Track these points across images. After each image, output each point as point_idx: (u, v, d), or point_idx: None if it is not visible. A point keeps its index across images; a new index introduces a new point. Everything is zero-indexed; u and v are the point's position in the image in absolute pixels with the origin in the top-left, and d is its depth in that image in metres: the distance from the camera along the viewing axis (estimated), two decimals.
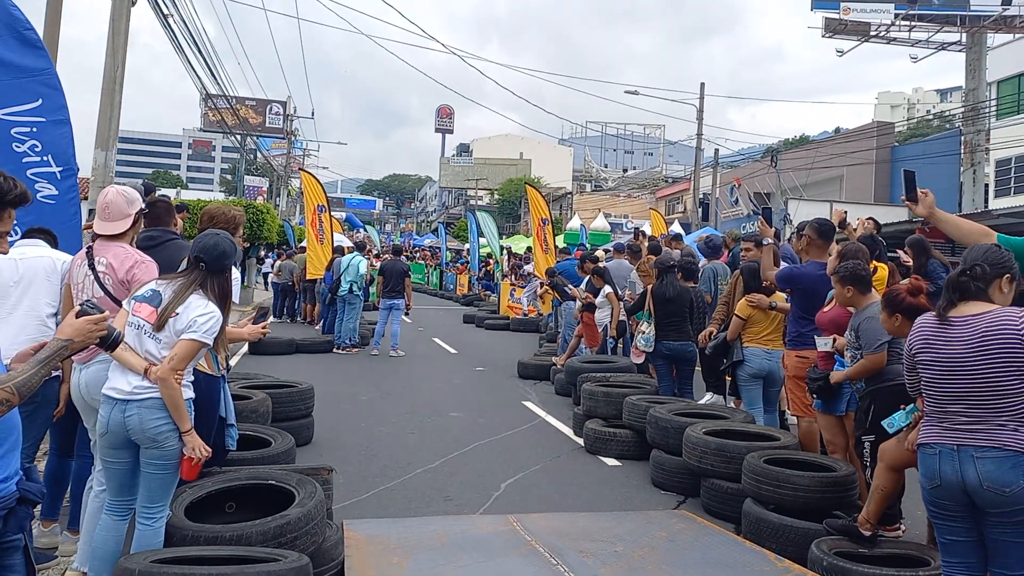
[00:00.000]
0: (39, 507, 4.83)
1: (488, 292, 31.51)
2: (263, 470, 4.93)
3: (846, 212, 8.36)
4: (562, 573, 4.34)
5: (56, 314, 4.60)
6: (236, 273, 4.65)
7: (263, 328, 5.10)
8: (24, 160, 5.51)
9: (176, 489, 4.23)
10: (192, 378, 4.12)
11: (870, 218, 8.31)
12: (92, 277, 4.34)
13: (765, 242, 7.08)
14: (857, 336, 5.27)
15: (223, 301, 4.23)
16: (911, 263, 7.89)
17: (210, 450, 4.02)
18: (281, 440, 6.04)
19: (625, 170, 76.40)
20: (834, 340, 5.59)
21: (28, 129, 5.56)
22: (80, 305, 2.83)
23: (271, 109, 56.95)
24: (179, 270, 4.25)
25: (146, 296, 4.00)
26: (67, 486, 5.03)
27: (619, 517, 5.76)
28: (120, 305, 4.15)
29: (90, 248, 4.44)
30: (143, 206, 4.77)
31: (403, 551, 4.68)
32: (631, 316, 9.48)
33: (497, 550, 4.75)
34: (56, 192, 5.55)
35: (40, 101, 5.56)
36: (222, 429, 4.81)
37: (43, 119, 5.59)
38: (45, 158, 5.58)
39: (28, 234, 4.87)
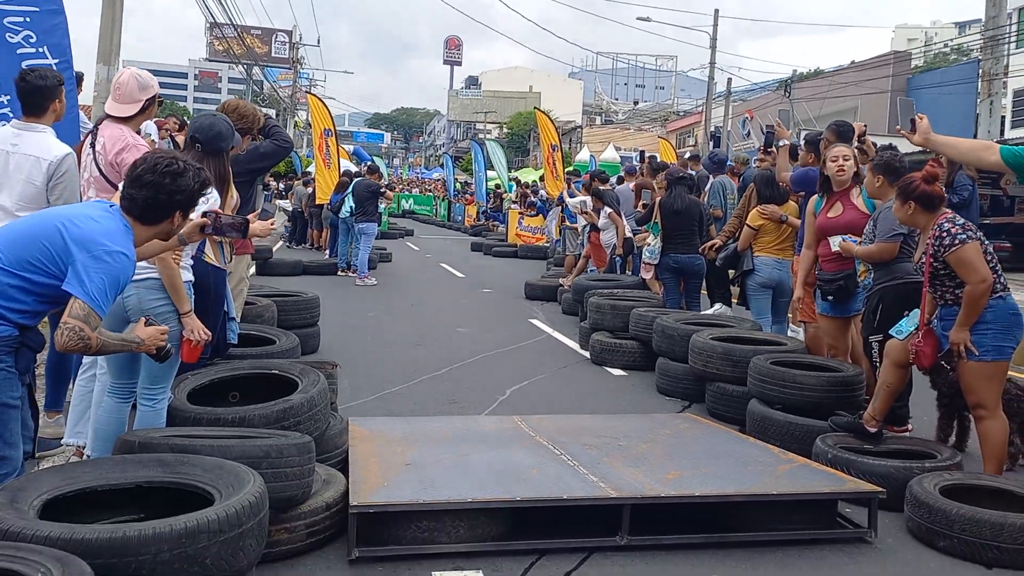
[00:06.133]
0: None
1: (496, 223, 31.31)
2: (267, 362, 4.91)
3: (865, 126, 8.15)
4: (565, 462, 4.32)
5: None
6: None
7: (271, 224, 5.04)
8: (19, 51, 5.39)
9: (178, 376, 4.22)
10: (191, 262, 4.07)
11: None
12: (92, 156, 4.31)
13: (780, 143, 6.92)
14: (874, 225, 5.16)
15: (221, 184, 4.17)
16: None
17: (209, 333, 3.99)
18: (286, 339, 6.01)
19: (636, 102, 75.28)
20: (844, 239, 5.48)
21: (21, 19, 5.42)
22: (145, 317, 3.47)
23: (277, 38, 56.19)
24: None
25: None
26: (69, 378, 5.01)
27: (623, 418, 5.74)
28: (113, 185, 4.09)
29: (96, 127, 4.43)
30: (157, 93, 4.69)
31: (407, 442, 4.68)
32: (641, 226, 9.37)
33: (501, 443, 4.74)
34: None
35: None
36: (224, 322, 4.78)
37: (36, 8, 5.44)
38: (40, 50, 5.45)
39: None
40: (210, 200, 3.92)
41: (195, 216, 3.65)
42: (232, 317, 4.91)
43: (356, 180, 15.32)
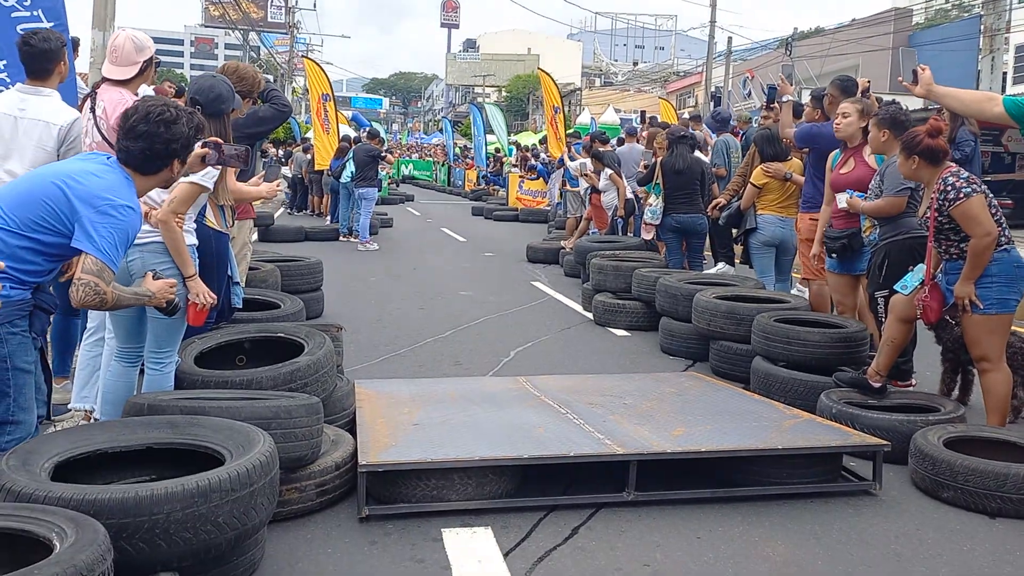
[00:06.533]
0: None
1: (497, 187, 31.16)
2: (273, 326, 4.91)
3: (869, 82, 8.08)
4: (571, 420, 4.35)
5: None
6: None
7: (276, 184, 5.02)
8: (13, 15, 5.32)
9: (185, 340, 4.23)
10: (195, 225, 4.06)
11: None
12: (93, 121, 4.28)
13: (784, 99, 6.86)
14: (881, 180, 5.13)
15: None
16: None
17: (215, 296, 3.99)
18: (291, 303, 6.01)
19: (635, 63, 74.51)
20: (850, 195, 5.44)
21: None
22: (152, 272, 3.49)
23: (272, 2, 55.54)
24: None
25: None
26: (75, 344, 5.03)
27: (628, 378, 5.76)
28: (114, 148, 4.07)
29: (95, 91, 4.39)
30: (154, 55, 4.65)
31: (414, 403, 4.70)
32: (642, 187, 9.32)
33: (507, 403, 4.76)
34: None
35: None
36: (228, 287, 4.78)
37: None
38: (35, 13, 5.37)
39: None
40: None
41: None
42: (236, 281, 4.90)
43: (356, 145, 15.28)
